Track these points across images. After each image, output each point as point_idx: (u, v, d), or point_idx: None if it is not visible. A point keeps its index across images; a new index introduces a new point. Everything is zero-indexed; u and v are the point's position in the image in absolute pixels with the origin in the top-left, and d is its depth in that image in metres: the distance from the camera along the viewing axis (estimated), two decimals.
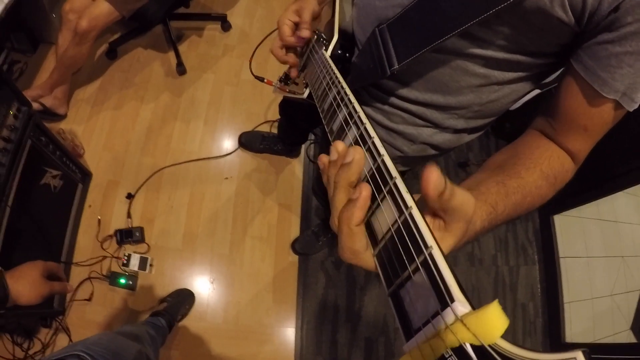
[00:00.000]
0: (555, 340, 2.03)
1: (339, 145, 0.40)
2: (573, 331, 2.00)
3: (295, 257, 1.87)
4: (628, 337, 1.89)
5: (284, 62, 0.80)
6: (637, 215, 2.12)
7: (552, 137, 0.61)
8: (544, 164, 0.57)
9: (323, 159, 0.41)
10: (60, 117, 1.92)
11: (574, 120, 0.57)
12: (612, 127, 0.56)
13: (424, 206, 0.34)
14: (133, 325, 1.49)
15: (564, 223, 2.19)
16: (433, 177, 0.31)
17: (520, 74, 0.64)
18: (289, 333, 1.74)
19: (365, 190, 0.34)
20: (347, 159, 0.37)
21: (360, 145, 0.39)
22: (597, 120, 0.55)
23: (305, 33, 0.74)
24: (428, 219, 0.35)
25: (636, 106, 0.51)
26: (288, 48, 0.79)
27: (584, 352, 0.20)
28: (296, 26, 0.76)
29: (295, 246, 1.86)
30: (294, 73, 0.82)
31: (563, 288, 2.07)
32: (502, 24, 0.56)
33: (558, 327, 2.02)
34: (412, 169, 0.98)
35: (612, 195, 2.01)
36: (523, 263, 2.18)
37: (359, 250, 0.35)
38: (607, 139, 0.60)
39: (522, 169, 0.56)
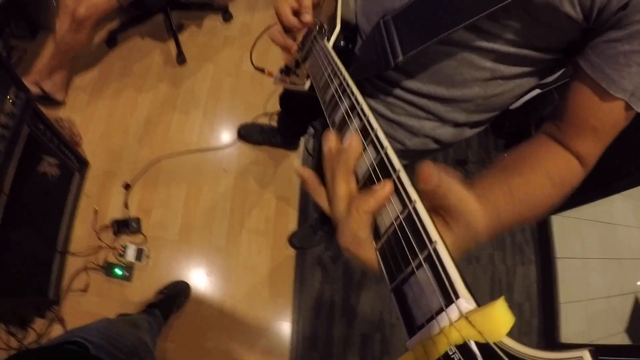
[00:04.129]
0: (550, 340, 2.03)
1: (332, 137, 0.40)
2: (568, 332, 2.01)
3: (292, 251, 1.86)
4: (622, 339, 1.91)
5: (284, 46, 0.76)
6: (633, 218, 2.13)
7: (561, 141, 0.59)
8: (549, 164, 0.56)
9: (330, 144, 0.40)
10: (58, 103, 1.90)
11: (582, 121, 0.56)
12: (623, 128, 0.54)
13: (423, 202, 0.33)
14: (131, 315, 1.48)
15: (562, 224, 2.19)
16: (425, 168, 0.31)
17: (526, 69, 0.64)
18: (285, 327, 1.74)
19: (388, 187, 0.33)
20: (344, 144, 0.37)
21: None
22: (606, 121, 0.54)
23: (307, 17, 0.70)
24: None
25: None
26: (287, 32, 0.75)
27: (590, 351, 0.20)
28: (295, 14, 0.73)
29: (292, 240, 1.85)
30: (285, 56, 0.78)
31: (559, 288, 2.08)
32: (511, 18, 0.55)
33: (553, 327, 2.03)
34: (412, 163, 0.97)
35: (609, 197, 2.01)
36: (520, 263, 2.18)
37: (362, 238, 0.34)
38: None
39: (525, 168, 0.55)
